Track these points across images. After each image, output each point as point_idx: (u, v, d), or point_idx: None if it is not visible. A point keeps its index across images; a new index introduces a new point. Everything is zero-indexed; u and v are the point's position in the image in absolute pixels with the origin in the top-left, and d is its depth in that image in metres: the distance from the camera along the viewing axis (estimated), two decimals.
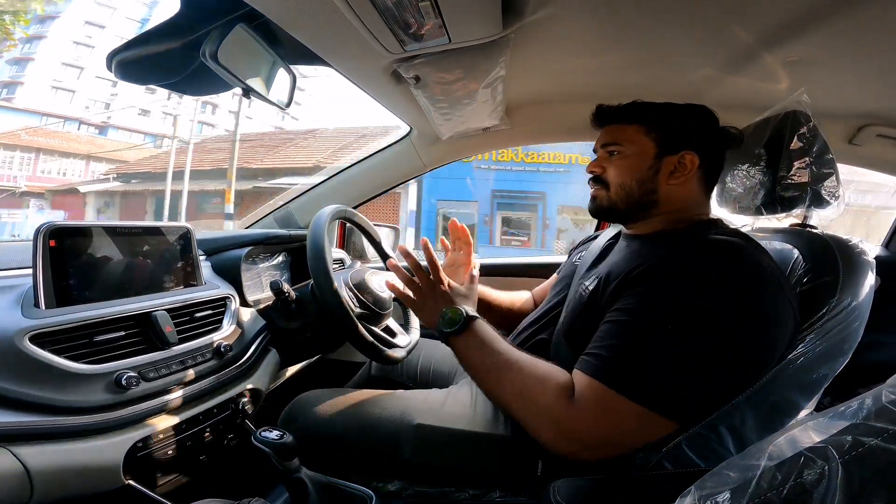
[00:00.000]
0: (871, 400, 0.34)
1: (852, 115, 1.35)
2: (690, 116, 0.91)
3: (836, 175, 0.90)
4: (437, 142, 1.60)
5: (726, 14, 0.90)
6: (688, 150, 0.88)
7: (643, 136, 0.90)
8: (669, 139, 0.89)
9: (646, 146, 0.90)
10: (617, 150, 0.92)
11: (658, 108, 0.92)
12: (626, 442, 0.73)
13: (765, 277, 0.73)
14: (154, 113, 25.65)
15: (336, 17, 0.79)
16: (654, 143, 0.90)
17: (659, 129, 0.90)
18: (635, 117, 0.92)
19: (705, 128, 0.91)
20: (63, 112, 23.10)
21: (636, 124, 0.91)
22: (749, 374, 0.74)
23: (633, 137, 0.91)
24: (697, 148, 0.88)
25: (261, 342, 1.07)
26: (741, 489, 0.37)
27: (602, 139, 0.96)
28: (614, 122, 0.95)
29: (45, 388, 0.68)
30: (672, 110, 0.92)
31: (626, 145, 0.91)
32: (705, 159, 0.89)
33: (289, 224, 1.67)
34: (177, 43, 0.93)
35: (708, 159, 0.90)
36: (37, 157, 18.68)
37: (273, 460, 0.81)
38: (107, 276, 0.83)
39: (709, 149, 0.90)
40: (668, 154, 0.89)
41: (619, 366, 0.72)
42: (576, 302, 0.92)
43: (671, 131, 0.89)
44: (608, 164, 0.93)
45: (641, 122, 0.91)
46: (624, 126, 0.93)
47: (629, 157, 0.91)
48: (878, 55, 0.99)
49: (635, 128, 0.91)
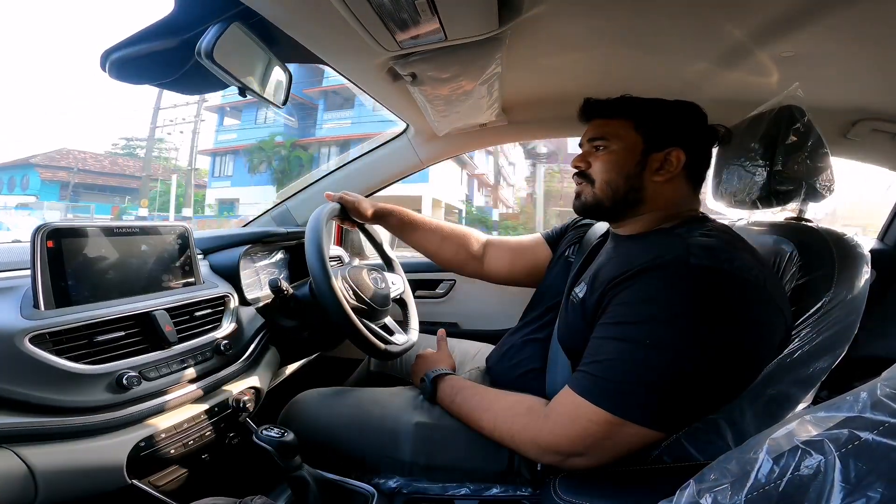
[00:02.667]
0: (867, 394, 0.34)
1: (847, 109, 1.35)
2: (679, 113, 0.90)
3: (831, 169, 0.91)
4: (434, 138, 1.60)
5: (720, 10, 0.90)
6: (674, 146, 0.86)
7: (631, 131, 0.88)
8: (656, 135, 0.87)
9: (633, 141, 0.88)
10: (603, 145, 0.90)
11: (647, 104, 0.90)
12: (607, 449, 0.73)
13: (748, 286, 0.71)
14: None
15: (332, 15, 0.79)
16: (641, 138, 0.88)
17: (646, 125, 0.88)
18: (623, 112, 0.90)
19: (693, 125, 0.90)
20: None
21: (624, 119, 0.90)
22: (731, 385, 0.74)
23: (620, 132, 0.89)
24: (684, 145, 0.86)
25: (260, 340, 1.07)
26: (740, 482, 0.38)
27: (588, 133, 0.94)
28: (602, 117, 0.93)
29: (46, 389, 0.68)
30: (660, 106, 0.90)
31: (612, 140, 0.89)
32: (692, 156, 0.87)
33: (286, 222, 1.67)
34: (172, 42, 0.93)
35: (694, 156, 0.88)
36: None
37: (275, 458, 0.81)
38: (106, 277, 0.83)
39: (696, 146, 0.89)
40: (654, 150, 0.87)
41: (592, 377, 0.74)
42: (568, 311, 0.92)
43: (659, 127, 0.88)
44: (594, 158, 0.91)
45: (629, 116, 0.89)
46: (611, 120, 0.91)
47: (616, 153, 0.89)
48: (872, 50, 1.00)
49: (623, 122, 0.89)
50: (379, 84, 1.16)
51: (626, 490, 0.73)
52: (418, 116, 1.40)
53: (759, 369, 0.76)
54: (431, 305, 1.82)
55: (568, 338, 0.91)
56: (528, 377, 1.01)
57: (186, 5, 0.89)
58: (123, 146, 28.20)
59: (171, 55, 0.95)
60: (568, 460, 0.76)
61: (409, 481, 0.94)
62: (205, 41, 0.86)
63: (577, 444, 0.74)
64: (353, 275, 1.13)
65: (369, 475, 0.96)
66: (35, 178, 21.06)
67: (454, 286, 1.82)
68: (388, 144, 1.68)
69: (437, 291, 1.83)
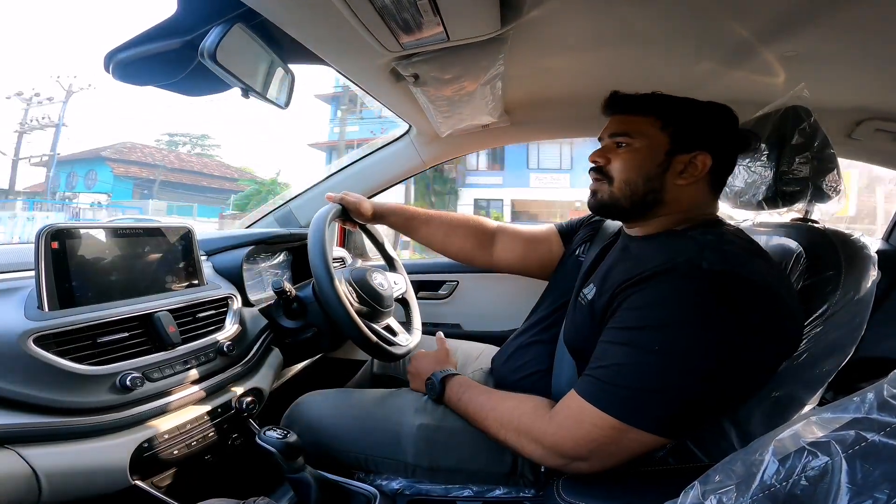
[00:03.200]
0: (874, 395, 0.34)
1: (851, 109, 1.35)
2: (710, 115, 0.85)
3: (837, 169, 0.90)
4: (437, 139, 1.60)
5: (723, 9, 0.89)
6: (701, 150, 0.82)
7: (657, 130, 0.84)
8: (684, 136, 0.83)
9: (659, 141, 0.83)
10: (626, 142, 0.85)
11: (677, 102, 0.86)
12: (611, 454, 0.72)
13: (760, 291, 0.70)
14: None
15: (334, 16, 0.79)
16: (668, 138, 0.83)
17: (675, 125, 0.83)
18: (652, 109, 0.85)
19: (724, 129, 0.86)
20: None
21: (652, 116, 0.84)
22: (740, 392, 0.73)
23: (646, 130, 0.84)
24: (712, 149, 0.82)
25: (263, 341, 1.07)
26: (745, 484, 0.37)
27: (611, 128, 0.89)
28: (627, 112, 0.88)
29: (49, 390, 0.68)
30: (691, 106, 0.85)
31: (637, 138, 0.84)
32: (718, 161, 0.83)
33: (289, 223, 1.67)
34: (175, 43, 0.93)
35: (721, 162, 0.84)
36: None
37: (278, 460, 0.81)
38: (110, 278, 0.83)
39: (724, 151, 0.85)
40: (680, 152, 0.82)
41: (598, 382, 0.73)
42: (576, 313, 0.90)
43: (687, 128, 0.83)
44: (614, 155, 0.86)
45: (658, 115, 0.84)
46: (637, 117, 0.86)
47: (639, 151, 0.84)
48: (876, 50, 0.99)
49: (651, 120, 0.84)
50: (381, 85, 1.16)
51: (630, 491, 0.73)
52: (421, 117, 1.40)
53: (769, 376, 0.74)
54: (434, 307, 1.82)
55: (575, 339, 0.90)
56: (533, 378, 1.00)
57: (189, 6, 0.89)
58: (167, 141, 27.88)
59: (175, 56, 0.95)
60: (572, 464, 0.75)
61: (412, 483, 0.94)
62: (207, 42, 0.86)
63: (581, 448, 0.73)
64: (356, 277, 1.13)
65: (372, 477, 0.96)
66: (106, 172, 19.88)
67: (457, 287, 1.82)
68: (390, 145, 1.69)
69: (439, 293, 1.83)
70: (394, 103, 1.35)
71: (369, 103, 1.36)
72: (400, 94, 1.22)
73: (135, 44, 0.93)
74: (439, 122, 1.39)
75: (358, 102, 18.34)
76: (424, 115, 1.34)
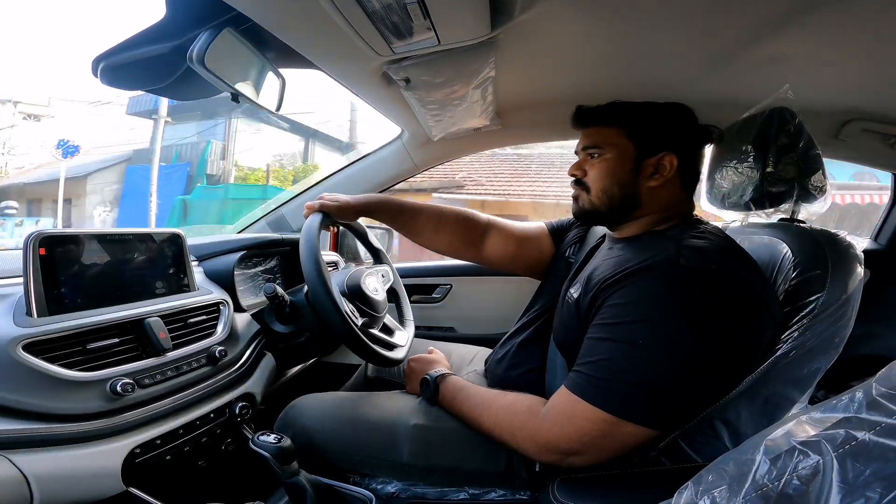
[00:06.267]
0: (863, 393, 0.34)
1: (836, 110, 1.37)
2: (669, 117, 0.91)
3: (823, 170, 0.92)
4: (429, 143, 1.60)
5: (710, 12, 0.90)
6: (667, 151, 0.87)
7: (624, 138, 0.89)
8: (648, 141, 0.88)
9: (626, 149, 0.89)
10: (597, 153, 0.91)
11: (636, 109, 0.91)
12: (604, 448, 0.74)
13: (735, 286, 0.74)
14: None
15: (324, 20, 0.79)
16: (633, 145, 0.89)
17: (638, 132, 0.89)
18: (615, 119, 0.91)
19: (683, 128, 0.91)
20: None
21: (616, 126, 0.90)
22: (722, 382, 0.76)
23: (613, 140, 0.90)
24: (676, 149, 0.88)
25: (256, 347, 1.06)
26: (738, 484, 0.38)
27: (583, 142, 0.95)
28: (594, 124, 0.94)
29: (39, 396, 0.68)
30: (651, 111, 0.91)
31: (606, 148, 0.90)
32: (684, 159, 0.89)
33: (281, 228, 1.67)
34: (163, 48, 0.92)
35: (687, 159, 0.90)
36: None
37: (272, 464, 0.81)
38: (99, 284, 0.82)
39: (688, 149, 0.90)
40: (647, 156, 0.88)
41: (587, 376, 0.75)
42: (563, 311, 0.93)
43: (650, 133, 0.89)
44: (589, 167, 0.93)
45: (621, 124, 0.90)
46: (604, 128, 0.92)
47: (610, 161, 0.90)
48: (861, 50, 1.00)
49: (615, 130, 0.90)
50: (373, 89, 1.16)
51: (624, 492, 0.74)
52: (412, 121, 1.40)
53: (749, 367, 0.78)
54: (428, 310, 1.82)
55: (563, 338, 0.93)
56: (527, 377, 1.02)
57: (178, 11, 0.89)
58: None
59: (163, 61, 0.94)
60: (567, 459, 0.77)
61: (408, 486, 0.93)
62: (196, 47, 0.86)
63: (575, 442, 0.75)
64: (351, 288, 1.11)
65: (367, 480, 0.96)
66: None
67: (450, 291, 1.82)
68: (383, 149, 1.68)
69: (433, 296, 1.82)
70: (385, 107, 1.35)
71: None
72: (391, 98, 1.23)
73: (123, 48, 0.92)
74: (431, 126, 1.39)
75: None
76: (416, 118, 1.34)
